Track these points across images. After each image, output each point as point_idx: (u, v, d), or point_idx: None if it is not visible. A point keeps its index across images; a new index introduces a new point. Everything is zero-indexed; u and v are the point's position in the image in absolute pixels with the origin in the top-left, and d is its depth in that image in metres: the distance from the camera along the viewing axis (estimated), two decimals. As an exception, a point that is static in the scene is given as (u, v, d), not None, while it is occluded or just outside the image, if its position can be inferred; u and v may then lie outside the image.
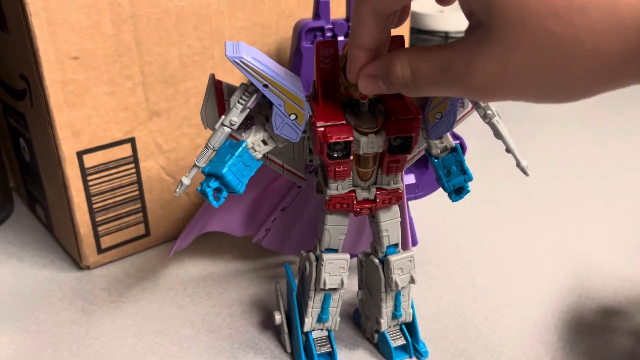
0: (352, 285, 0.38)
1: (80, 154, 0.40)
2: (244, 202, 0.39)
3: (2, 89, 0.46)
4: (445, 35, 0.79)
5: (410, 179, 0.43)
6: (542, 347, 0.36)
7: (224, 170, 0.29)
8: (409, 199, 0.44)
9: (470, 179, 0.33)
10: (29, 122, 0.43)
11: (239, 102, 0.29)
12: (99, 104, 0.40)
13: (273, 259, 0.44)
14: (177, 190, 0.30)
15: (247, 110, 0.29)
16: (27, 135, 0.44)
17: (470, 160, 0.35)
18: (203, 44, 0.42)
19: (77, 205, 0.41)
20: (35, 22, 0.36)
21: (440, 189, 0.35)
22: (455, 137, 0.44)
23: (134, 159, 0.43)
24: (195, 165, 0.30)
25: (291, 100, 0.29)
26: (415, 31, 0.78)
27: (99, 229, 0.43)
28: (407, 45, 0.33)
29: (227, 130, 0.29)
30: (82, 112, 0.39)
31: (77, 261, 0.44)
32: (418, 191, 0.44)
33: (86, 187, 0.41)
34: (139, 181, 0.44)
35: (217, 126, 0.29)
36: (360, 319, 0.37)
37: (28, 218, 0.51)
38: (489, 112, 0.31)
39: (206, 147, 0.30)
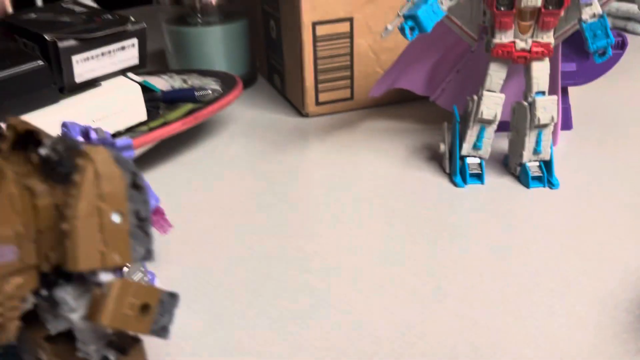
0: (503, 144, 0.48)
1: (314, 24, 0.55)
2: (427, 65, 0.51)
3: (263, -19, 0.62)
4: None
5: (571, 66, 0.51)
6: (663, 198, 0.43)
7: (419, 12, 0.41)
8: (568, 85, 0.52)
9: (612, 41, 0.41)
10: (280, 2, 0.59)
11: (435, -34, 0.41)
12: (331, -12, 0.54)
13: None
14: (383, 34, 0.43)
15: (440, -28, 0.41)
16: (277, 15, 0.60)
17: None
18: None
19: (306, 64, 0.56)
20: None
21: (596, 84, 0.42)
22: (619, 35, 0.51)
23: (350, 35, 0.57)
24: (397, 15, 0.42)
25: (473, -37, 0.40)
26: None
27: (319, 86, 0.58)
28: None
29: (423, -13, 0.41)
30: (320, -8, 0.54)
31: (300, 111, 0.60)
32: (577, 78, 0.52)
33: (315, 51, 0.56)
34: (351, 53, 0.57)
35: (417, -16, 0.41)
36: (508, 160, 0.47)
37: (267, 87, 0.68)
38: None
39: (407, 0, 0.42)
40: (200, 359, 0.31)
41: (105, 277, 0.23)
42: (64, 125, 0.29)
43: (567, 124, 0.53)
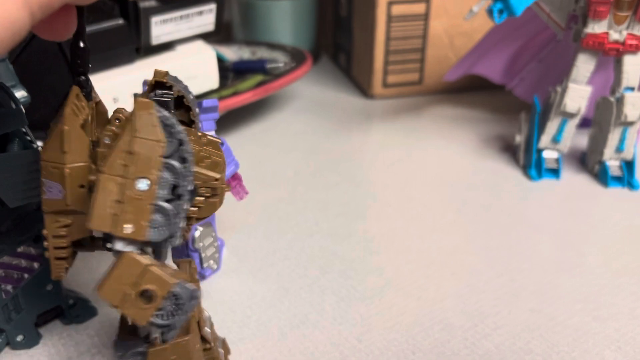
0: (582, 141, 0.46)
1: (389, 4, 0.54)
2: (507, 52, 0.49)
3: (339, -43, 0.61)
4: None
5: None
6: None
7: (509, -5, 0.39)
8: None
9: None
10: (356, -21, 0.57)
11: (531, -54, 0.39)
12: (411, -33, 0.52)
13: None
14: (467, 16, 0.41)
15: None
16: (350, -8, 0.59)
17: None
18: None
19: (378, 44, 0.55)
20: None
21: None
22: None
23: (426, 17, 0.55)
24: (485, -3, 0.41)
25: (573, -54, 0.38)
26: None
27: (389, 67, 0.57)
28: None
29: (516, -31, 0.39)
30: (399, -30, 0.52)
31: (366, 93, 0.59)
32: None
33: (388, 31, 0.55)
34: (424, 36, 0.56)
35: (509, -35, 0.40)
36: (586, 158, 0.45)
37: (331, 66, 0.67)
38: None
39: (496, -18, 0.40)
40: (266, 329, 0.30)
41: (121, 246, 0.21)
42: (145, 83, 0.29)
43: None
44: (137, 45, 0.43)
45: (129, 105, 0.22)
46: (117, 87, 0.42)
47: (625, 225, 0.38)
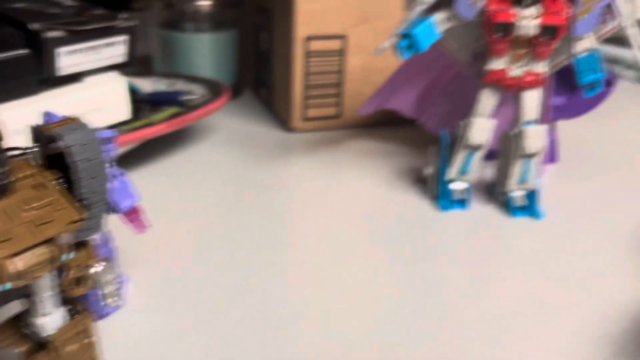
0: (490, 172, 0.48)
1: (307, 39, 0.55)
2: (417, 87, 0.50)
3: (259, -7, 0.62)
4: None
5: (560, 100, 0.51)
6: (645, 236, 0.42)
7: (415, 31, 0.40)
8: (556, 119, 0.52)
9: (603, 77, 0.41)
10: (274, 15, 0.58)
11: (433, -14, 0.41)
12: (327, 4, 0.54)
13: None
14: (376, 51, 0.42)
15: (437, -6, 0.41)
16: (270, 27, 0.60)
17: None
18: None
19: (296, 79, 0.56)
20: None
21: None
22: (608, 72, 0.51)
23: (342, 53, 0.56)
24: (395, 34, 0.42)
25: (472, -13, 0.40)
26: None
27: (308, 101, 0.57)
28: None
29: (421, 7, 0.41)
30: (316, 7, 0.53)
31: (286, 126, 0.59)
32: (566, 112, 0.52)
33: (306, 66, 0.56)
34: (342, 71, 0.57)
35: (414, 4, 0.41)
36: (493, 188, 0.47)
37: (253, 99, 0.67)
38: (627, 22, 0.40)
39: (404, 20, 0.42)
40: (167, 368, 0.29)
41: None
42: (47, 114, 0.28)
43: (554, 156, 0.53)
44: (43, 76, 0.42)
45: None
46: (18, 118, 0.40)
47: (528, 254, 0.40)
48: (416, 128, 0.54)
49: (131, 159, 0.49)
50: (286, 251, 0.39)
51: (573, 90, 0.51)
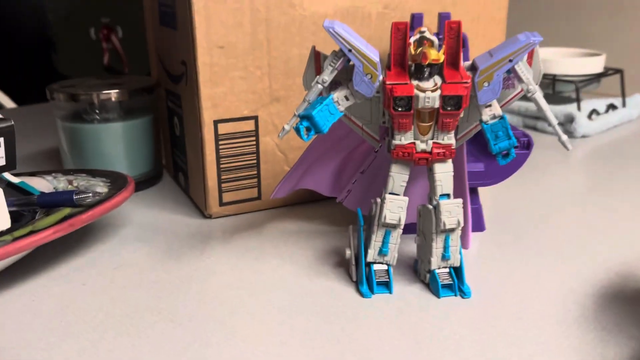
0: (413, 248, 0.45)
1: (216, 122, 0.52)
2: (331, 165, 0.48)
3: (166, 77, 0.60)
4: (553, 78, 0.85)
5: (479, 167, 0.50)
6: (575, 307, 0.40)
7: (314, 113, 0.38)
8: (477, 186, 0.51)
9: (515, 143, 0.39)
10: (182, 99, 0.56)
11: (329, 64, 0.39)
12: (234, 85, 0.52)
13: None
14: (280, 134, 0.40)
15: (336, 72, 0.39)
16: (180, 112, 0.57)
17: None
18: (319, 48, 0.53)
19: (209, 163, 0.53)
20: (197, 18, 0.49)
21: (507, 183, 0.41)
22: (525, 135, 0.50)
23: (256, 133, 0.54)
24: (294, 114, 0.40)
25: (368, 63, 0.38)
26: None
27: (223, 185, 0.54)
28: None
29: (319, 87, 0.39)
30: (221, 90, 0.51)
31: (203, 212, 0.56)
32: (486, 179, 0.50)
33: (217, 150, 0.53)
34: (257, 152, 0.55)
35: (312, 84, 0.39)
36: (417, 267, 0.44)
37: (171, 185, 0.64)
38: (531, 87, 0.38)
39: (304, 100, 0.40)
40: None
41: None
42: None
43: (479, 225, 0.51)
44: None
45: None
46: None
47: (455, 338, 0.37)
48: (340, 205, 0.52)
49: (18, 270, 0.45)
50: (203, 356, 0.35)
51: (490, 156, 0.50)
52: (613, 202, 0.59)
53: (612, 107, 0.86)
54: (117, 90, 0.59)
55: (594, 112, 0.83)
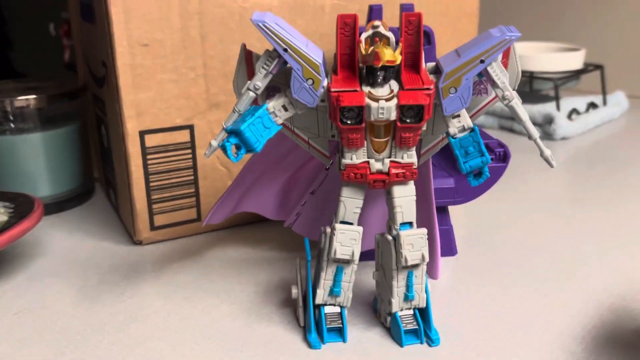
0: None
1: (142, 133, 0.44)
2: (276, 185, 0.41)
3: (91, 79, 0.52)
4: (530, 75, 0.79)
5: (449, 182, 0.43)
6: (563, 355, 0.33)
7: (243, 127, 0.31)
8: (447, 204, 0.44)
9: (488, 161, 0.33)
10: (106, 106, 0.48)
11: (262, 67, 0.31)
12: (163, 90, 0.44)
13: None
14: (207, 152, 0.33)
15: (270, 76, 0.32)
16: (105, 120, 0.50)
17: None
18: (263, 44, 0.46)
19: (135, 181, 0.45)
20: (113, 10, 0.41)
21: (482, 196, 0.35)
22: (501, 145, 0.43)
23: (192, 145, 0.46)
24: (223, 128, 0.32)
25: (309, 65, 0.31)
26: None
27: (154, 207, 0.47)
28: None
29: (251, 94, 0.32)
30: (147, 95, 0.44)
31: (132, 237, 0.48)
32: (457, 196, 0.43)
33: (145, 165, 0.45)
34: (194, 167, 0.47)
35: (242, 90, 0.32)
36: (377, 306, 0.37)
37: (103, 203, 0.56)
38: (507, 93, 0.32)
39: (233, 110, 0.32)
40: None
41: None
42: None
43: (449, 249, 0.45)
44: None
45: None
46: None
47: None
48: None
49: None
50: None
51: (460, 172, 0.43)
52: (600, 214, 0.52)
53: (592, 105, 0.81)
54: (34, 96, 0.51)
55: (574, 111, 0.77)
